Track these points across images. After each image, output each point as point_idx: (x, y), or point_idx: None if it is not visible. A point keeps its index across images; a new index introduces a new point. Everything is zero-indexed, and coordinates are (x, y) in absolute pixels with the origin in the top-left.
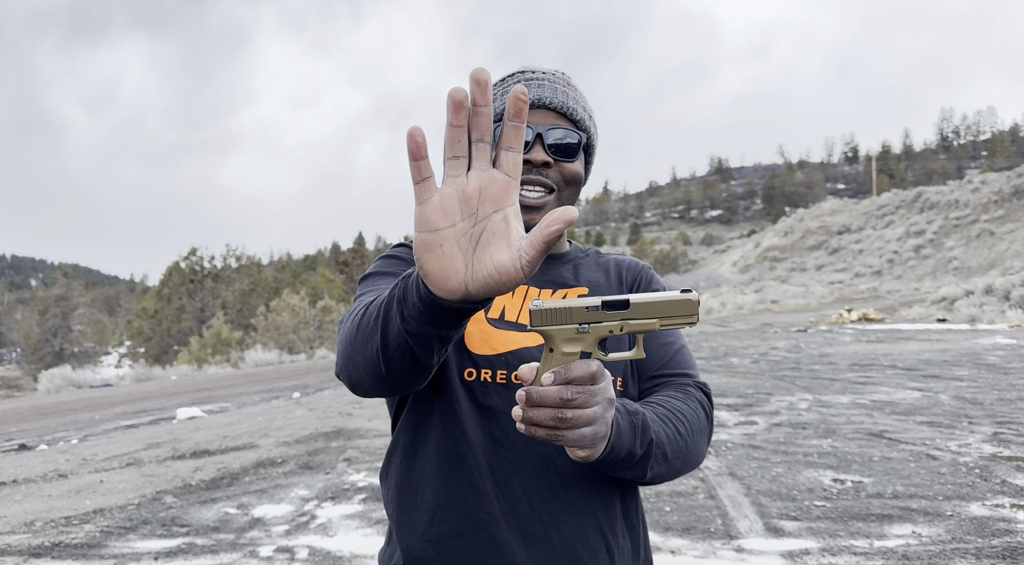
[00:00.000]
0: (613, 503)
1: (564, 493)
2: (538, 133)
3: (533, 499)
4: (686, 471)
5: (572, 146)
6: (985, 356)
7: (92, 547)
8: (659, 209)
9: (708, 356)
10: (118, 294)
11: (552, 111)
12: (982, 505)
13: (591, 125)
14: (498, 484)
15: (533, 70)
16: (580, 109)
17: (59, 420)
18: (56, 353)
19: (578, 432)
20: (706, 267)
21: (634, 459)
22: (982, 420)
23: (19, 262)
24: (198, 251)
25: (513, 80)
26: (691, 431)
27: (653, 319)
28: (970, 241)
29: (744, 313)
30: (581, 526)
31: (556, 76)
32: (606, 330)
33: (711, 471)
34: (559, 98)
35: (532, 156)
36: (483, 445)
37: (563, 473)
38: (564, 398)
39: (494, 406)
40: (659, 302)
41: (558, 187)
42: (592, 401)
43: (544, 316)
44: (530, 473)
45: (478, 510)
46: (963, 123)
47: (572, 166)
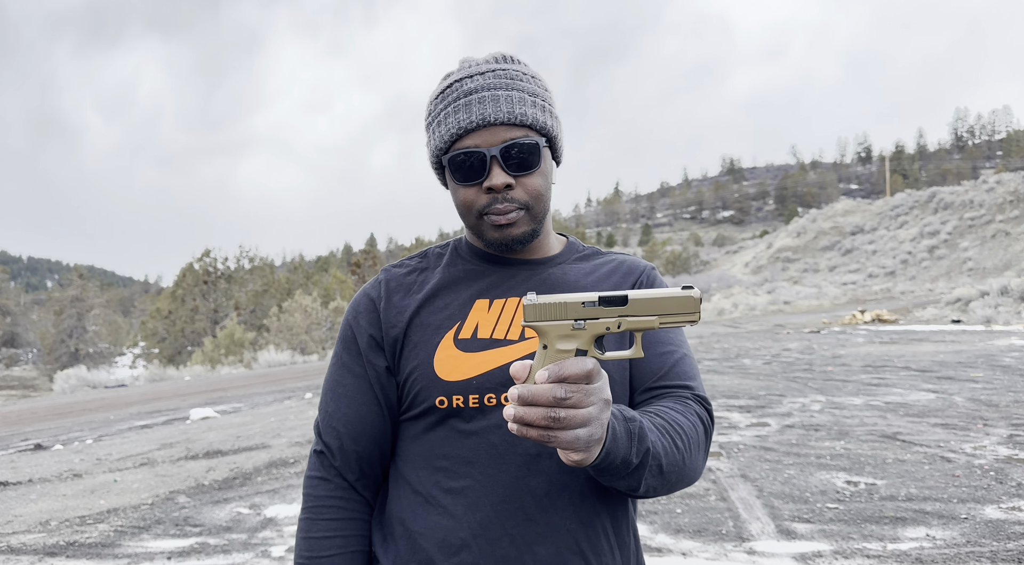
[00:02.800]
0: (595, 523)
1: (539, 514)
2: (492, 155)
3: (506, 522)
4: (680, 487)
5: (530, 156)
6: (1000, 357)
7: (106, 546)
8: (671, 210)
9: (720, 357)
10: (132, 295)
11: (500, 125)
12: (997, 508)
13: (547, 118)
14: (470, 509)
15: (471, 74)
16: (529, 109)
17: (74, 420)
18: (71, 353)
19: (572, 433)
20: (718, 268)
21: (629, 468)
22: (997, 422)
23: (35, 263)
24: (212, 252)
25: (452, 94)
26: (688, 445)
27: (652, 317)
28: (985, 241)
29: (756, 314)
30: (558, 548)
31: (498, 76)
32: (603, 327)
33: (723, 473)
34: (503, 109)
35: (492, 182)
36: (456, 469)
37: (537, 494)
38: (557, 396)
39: (466, 430)
40: (659, 299)
41: (527, 205)
42: (587, 401)
43: (538, 311)
44: (502, 495)
45: (450, 536)
46: (978, 123)
47: (532, 181)
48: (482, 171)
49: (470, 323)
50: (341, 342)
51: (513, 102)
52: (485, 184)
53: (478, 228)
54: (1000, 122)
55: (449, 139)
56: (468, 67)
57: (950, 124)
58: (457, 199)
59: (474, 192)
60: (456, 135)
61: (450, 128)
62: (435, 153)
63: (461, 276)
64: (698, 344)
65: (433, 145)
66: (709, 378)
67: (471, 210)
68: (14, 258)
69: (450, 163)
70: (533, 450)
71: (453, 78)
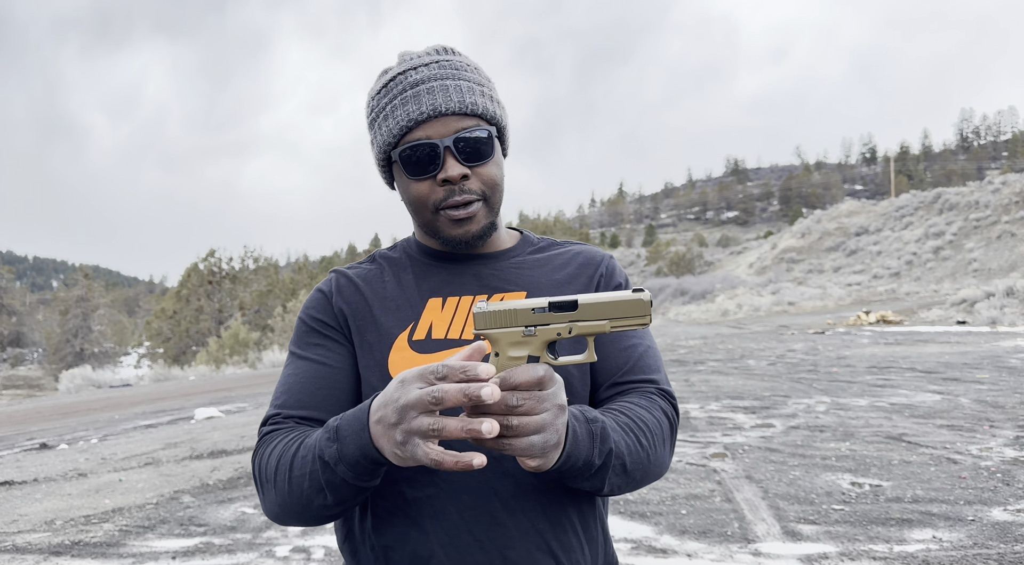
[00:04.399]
0: (563, 521)
1: (506, 517)
2: (445, 146)
3: (474, 527)
4: (646, 483)
5: (483, 145)
6: (1006, 359)
7: (111, 546)
8: (675, 210)
9: (724, 358)
10: (137, 295)
11: (451, 115)
12: (1004, 510)
13: (495, 108)
14: (435, 517)
15: (415, 66)
16: (479, 98)
17: (79, 420)
18: (76, 353)
19: (526, 440)
20: (722, 269)
21: (592, 469)
22: (1004, 424)
23: (41, 263)
24: (216, 253)
25: (397, 87)
26: (653, 442)
27: (603, 321)
28: (990, 242)
29: (761, 315)
30: (528, 549)
31: (443, 66)
32: (554, 333)
33: (728, 474)
34: (454, 99)
35: (448, 173)
36: (419, 477)
37: (504, 497)
38: (509, 404)
39: None
40: (609, 302)
41: (483, 195)
42: (540, 408)
43: (488, 319)
44: (468, 501)
45: (419, 547)
46: (983, 123)
47: (488, 171)
48: (435, 163)
49: (424, 323)
50: (294, 341)
51: (463, 92)
52: (440, 176)
53: (434, 225)
54: (1006, 123)
55: (399, 132)
56: (410, 60)
57: (955, 125)
58: (409, 195)
59: (428, 186)
60: (406, 127)
61: (399, 121)
62: (383, 149)
63: (412, 275)
64: (702, 345)
65: (381, 141)
66: (713, 379)
67: (426, 205)
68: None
69: (401, 157)
70: (497, 452)
71: (395, 71)
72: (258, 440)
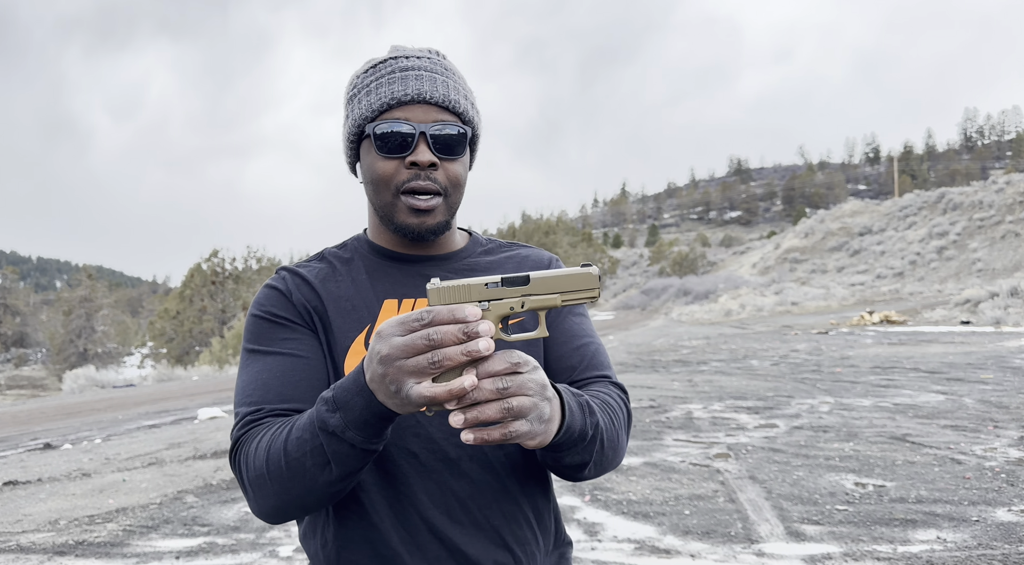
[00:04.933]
0: (518, 516)
1: (463, 516)
2: (422, 131)
3: (434, 527)
4: (611, 467)
5: (457, 142)
6: (1011, 359)
7: (115, 546)
8: (678, 210)
9: (728, 358)
10: (141, 295)
11: (434, 105)
12: (1008, 510)
13: (474, 113)
14: (396, 518)
15: (407, 55)
16: (462, 99)
17: (83, 420)
18: (80, 353)
19: (525, 424)
20: (725, 269)
21: (585, 440)
22: (1008, 424)
23: (44, 264)
24: (219, 253)
25: (386, 68)
26: (620, 426)
27: (555, 294)
28: (994, 242)
29: (764, 315)
30: (485, 545)
31: (433, 62)
32: (507, 307)
33: (731, 474)
34: (440, 91)
35: (418, 157)
36: (376, 480)
37: (461, 497)
38: (499, 388)
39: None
40: (560, 277)
41: (445, 191)
42: (525, 389)
43: (442, 295)
44: (427, 502)
45: (380, 547)
46: (987, 123)
47: (455, 168)
48: (408, 146)
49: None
50: (252, 340)
51: (449, 88)
52: (409, 159)
53: (391, 209)
54: (1009, 122)
55: (379, 108)
56: (403, 51)
57: (959, 124)
58: (374, 172)
59: (395, 165)
60: (387, 105)
61: (382, 97)
62: (358, 122)
63: (365, 276)
64: (705, 345)
65: (357, 114)
66: (717, 379)
67: (388, 185)
68: (24, 258)
69: (375, 133)
70: (454, 454)
71: (386, 57)
72: (234, 443)
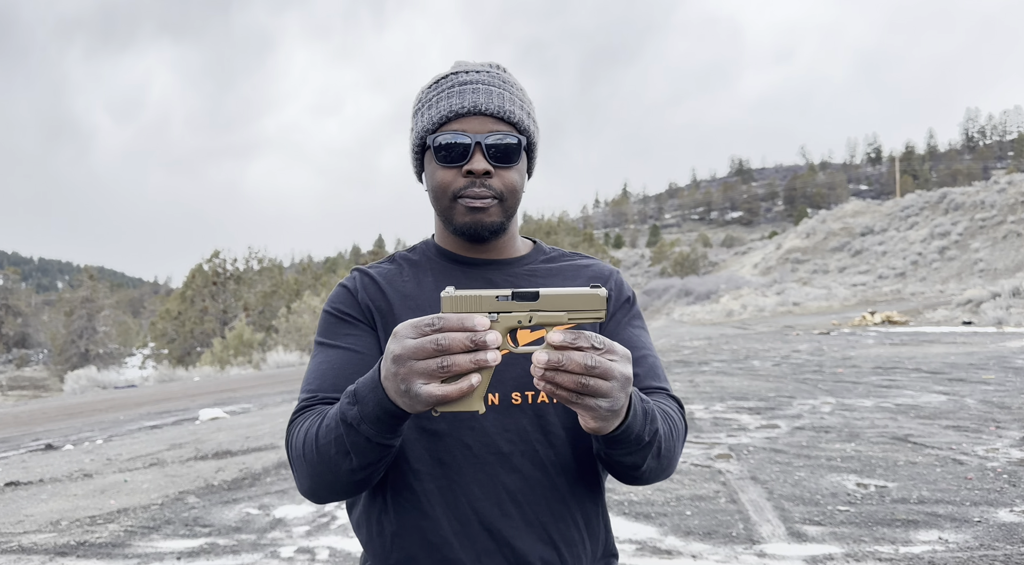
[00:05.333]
0: (566, 516)
1: (513, 509)
2: (477, 141)
3: (483, 518)
4: (664, 476)
5: (512, 151)
6: (1013, 359)
7: (116, 546)
8: (679, 211)
9: (729, 359)
10: (142, 296)
11: (489, 116)
12: (1011, 511)
13: (530, 123)
14: (448, 507)
15: (467, 70)
16: (517, 110)
17: (84, 420)
18: (81, 354)
19: (593, 401)
20: (727, 269)
21: (640, 444)
22: (1010, 424)
23: (46, 264)
24: (221, 254)
25: (447, 83)
26: (678, 437)
27: (561, 312)
28: (996, 242)
29: (765, 315)
30: (533, 541)
31: (492, 75)
32: (515, 320)
33: (733, 475)
34: (495, 102)
35: (473, 166)
36: (430, 470)
37: (511, 490)
38: (587, 365)
39: (439, 430)
40: (568, 296)
41: (500, 196)
42: (611, 374)
43: (454, 303)
44: (479, 493)
45: (430, 534)
46: (989, 123)
47: (511, 176)
48: (465, 155)
49: None
50: (321, 333)
51: (504, 99)
52: (465, 168)
53: (450, 212)
54: (1011, 122)
55: (439, 121)
56: (464, 66)
57: (961, 124)
58: (434, 181)
59: (452, 174)
60: (446, 117)
61: (441, 110)
62: (420, 134)
63: (431, 277)
64: (707, 345)
65: (420, 127)
66: (718, 380)
67: (446, 192)
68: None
69: (435, 144)
70: (506, 448)
71: (448, 72)
72: (288, 425)
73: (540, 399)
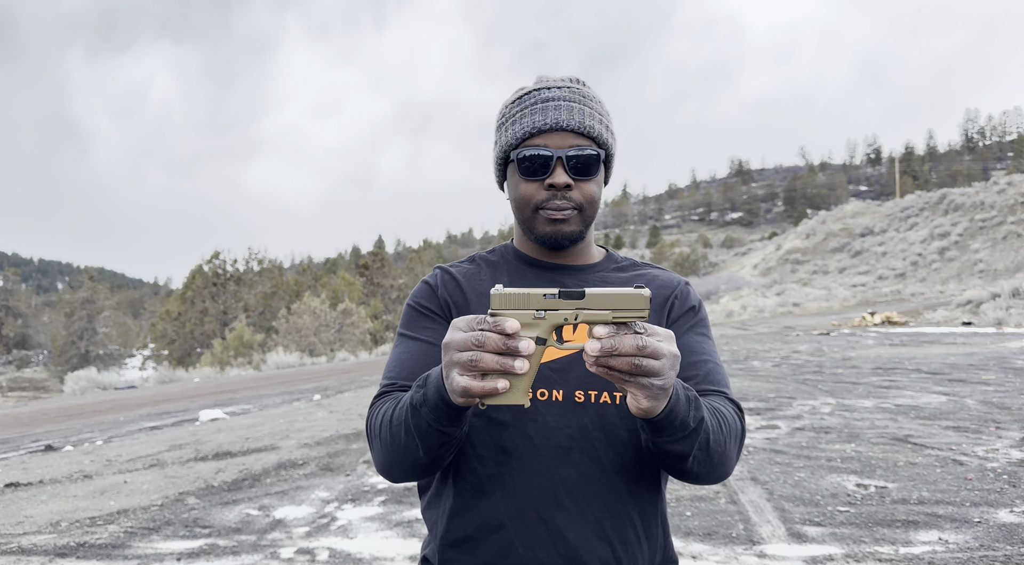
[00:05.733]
0: (623, 514)
1: (569, 502)
2: (558, 157)
3: (539, 507)
4: (718, 473)
5: (591, 164)
6: (1013, 360)
7: (116, 547)
8: (679, 211)
9: (729, 359)
10: (142, 297)
11: (570, 132)
12: (1011, 512)
13: (608, 136)
14: (506, 493)
15: (548, 86)
16: (596, 124)
17: (84, 421)
18: (82, 355)
19: (647, 380)
20: (727, 270)
21: (686, 430)
22: (1010, 425)
23: (46, 266)
24: (221, 255)
25: (530, 99)
26: (730, 433)
27: (606, 310)
28: (996, 243)
29: (765, 316)
30: (586, 534)
31: (573, 91)
32: (561, 317)
33: (733, 476)
34: (575, 118)
35: (555, 180)
36: (494, 456)
37: (568, 484)
38: (638, 346)
39: (504, 420)
40: (613, 295)
41: (580, 207)
42: (661, 352)
43: (503, 300)
44: (536, 483)
45: (487, 516)
46: (989, 124)
47: (590, 187)
48: (546, 169)
49: None
50: (404, 325)
51: (584, 115)
52: (547, 181)
53: (532, 222)
54: (1011, 123)
55: (522, 136)
56: (546, 82)
57: (960, 125)
58: (517, 193)
59: (535, 187)
60: (529, 133)
61: (524, 126)
62: (504, 149)
63: (507, 278)
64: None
65: (504, 141)
66: None
67: (529, 204)
68: (25, 260)
69: (518, 158)
70: (566, 443)
71: (531, 88)
72: (369, 408)
73: (603, 399)
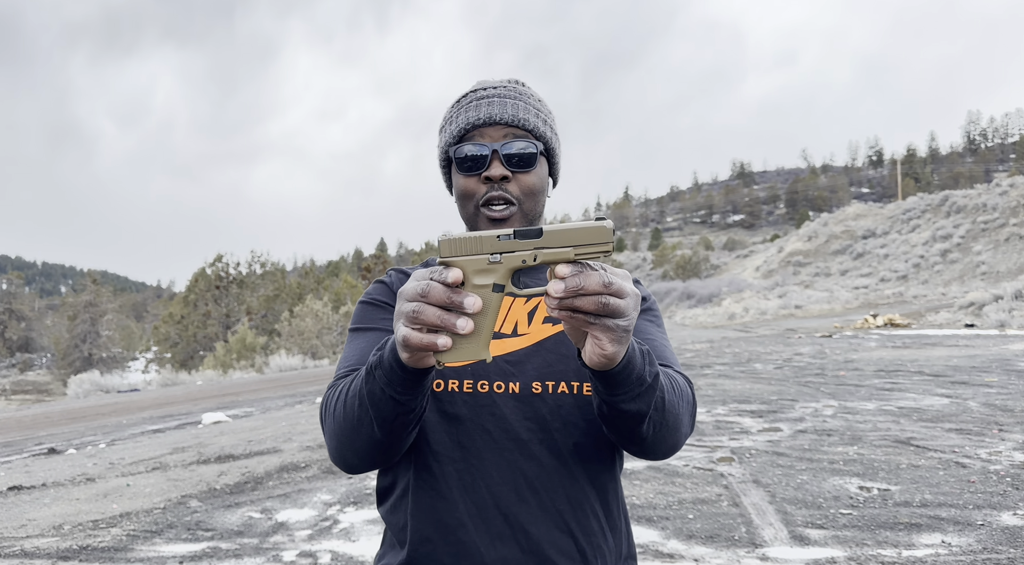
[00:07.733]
0: (585, 505)
1: (531, 496)
2: (493, 149)
3: (500, 503)
4: (671, 440)
5: (528, 156)
6: (1015, 362)
7: (119, 551)
8: (681, 214)
9: (731, 362)
10: (145, 300)
11: (504, 125)
12: (1014, 514)
13: (546, 130)
14: (465, 490)
15: (484, 86)
16: (532, 118)
17: (87, 424)
18: (85, 358)
19: (613, 321)
20: (729, 272)
21: (643, 385)
22: (1013, 427)
23: (49, 269)
24: (224, 258)
25: (466, 100)
26: (682, 397)
27: (567, 248)
28: (998, 245)
29: (767, 318)
30: (548, 528)
31: (508, 89)
32: (519, 260)
33: (735, 478)
34: (508, 112)
35: (491, 172)
36: (450, 453)
37: (529, 477)
38: (605, 282)
39: (460, 414)
40: (573, 230)
41: (519, 201)
42: (626, 290)
43: (454, 246)
44: (496, 478)
45: (445, 516)
46: (991, 126)
47: (529, 179)
48: (483, 163)
49: None
50: (358, 320)
51: (518, 109)
52: (484, 174)
53: (475, 221)
54: (1013, 125)
55: (458, 134)
56: (483, 83)
57: (962, 127)
58: (458, 190)
59: (473, 182)
60: (464, 130)
61: (460, 124)
62: (444, 148)
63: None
64: (709, 349)
65: (443, 142)
66: (720, 383)
67: (470, 199)
68: (29, 263)
69: (456, 154)
70: (525, 435)
71: (468, 90)
72: (324, 398)
73: (560, 389)
